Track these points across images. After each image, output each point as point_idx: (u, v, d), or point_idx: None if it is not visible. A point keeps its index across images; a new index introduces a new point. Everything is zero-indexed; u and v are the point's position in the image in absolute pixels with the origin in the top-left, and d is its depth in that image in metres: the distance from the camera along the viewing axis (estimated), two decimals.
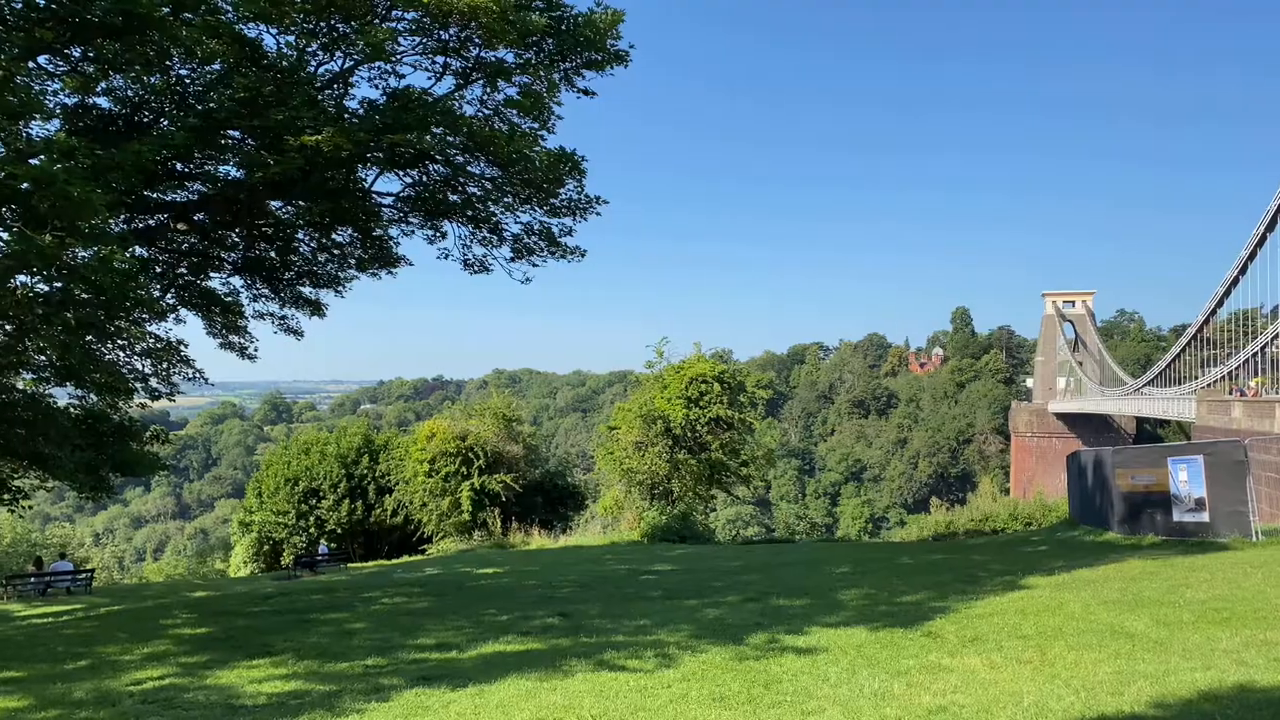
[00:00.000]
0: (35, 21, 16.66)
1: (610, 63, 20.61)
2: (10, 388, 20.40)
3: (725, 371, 45.47)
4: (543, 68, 20.15)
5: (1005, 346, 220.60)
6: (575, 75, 20.86)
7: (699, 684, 11.27)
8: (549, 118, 21.01)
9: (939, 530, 39.20)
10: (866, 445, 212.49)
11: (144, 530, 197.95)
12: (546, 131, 21.20)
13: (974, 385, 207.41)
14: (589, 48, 20.14)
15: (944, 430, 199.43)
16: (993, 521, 38.01)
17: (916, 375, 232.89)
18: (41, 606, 25.68)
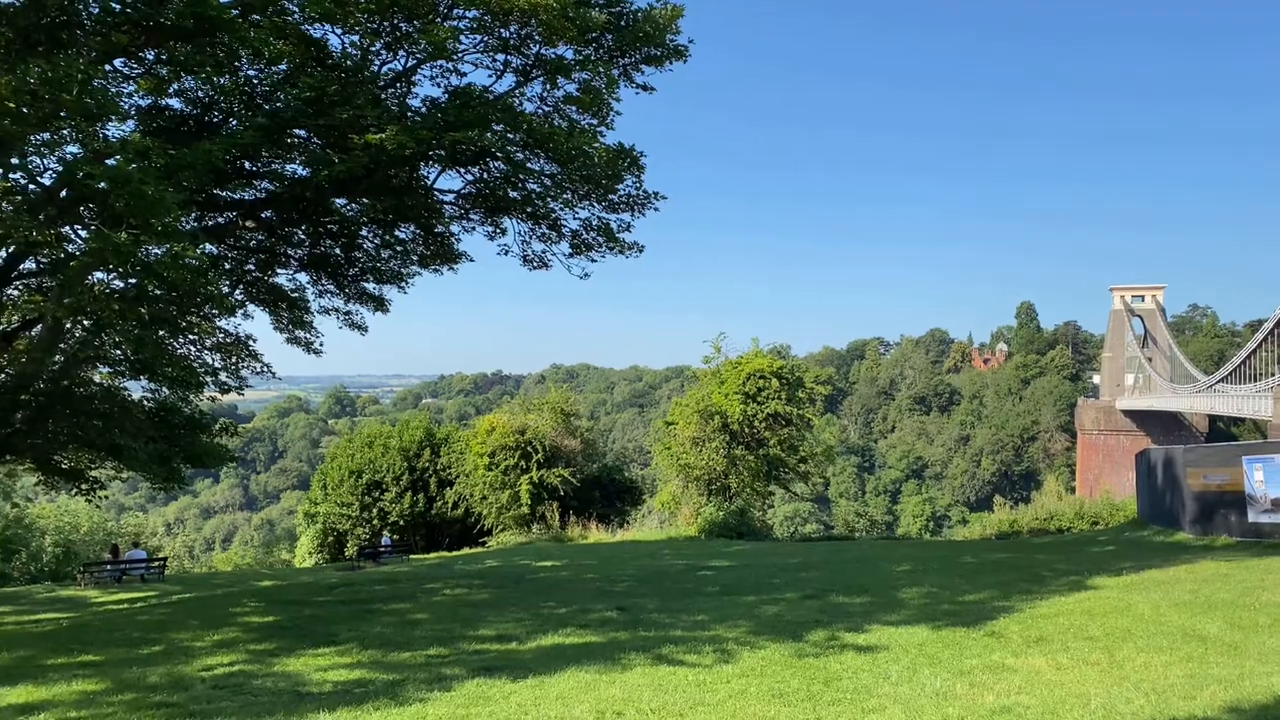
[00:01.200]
0: (112, 26, 17.16)
1: (669, 58, 20.59)
2: (88, 381, 21.09)
3: (783, 367, 45.18)
4: (602, 64, 20.19)
5: (1071, 342, 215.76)
6: (634, 71, 20.89)
7: (758, 680, 11.25)
8: (608, 114, 21.05)
9: (1002, 529, 38.53)
10: (928, 442, 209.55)
11: (213, 520, 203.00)
12: (605, 128, 21.26)
13: (1039, 381, 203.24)
14: (648, 43, 20.13)
15: (1008, 427, 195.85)
16: (1058, 520, 37.25)
17: (980, 371, 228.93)
18: (117, 593, 26.52)
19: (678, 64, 20.76)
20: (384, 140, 17.77)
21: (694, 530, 40.20)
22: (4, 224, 16.66)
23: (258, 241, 24.43)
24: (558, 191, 21.93)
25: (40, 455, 20.48)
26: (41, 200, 17.90)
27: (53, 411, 19.12)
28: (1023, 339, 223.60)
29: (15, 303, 22.40)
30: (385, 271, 25.65)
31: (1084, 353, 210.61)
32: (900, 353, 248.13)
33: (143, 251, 16.70)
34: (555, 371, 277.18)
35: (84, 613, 21.65)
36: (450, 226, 24.56)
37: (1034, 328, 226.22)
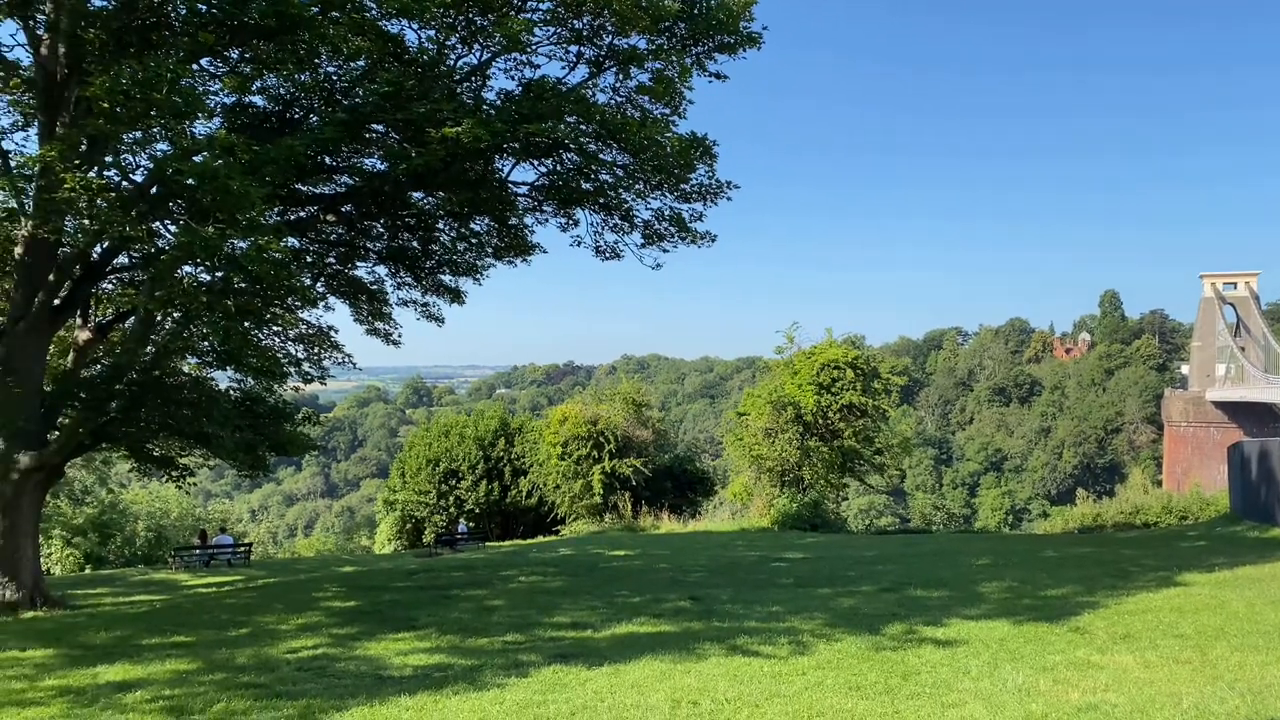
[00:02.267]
0: (198, 26, 17.68)
1: (743, 45, 20.43)
2: (178, 371, 21.82)
3: (858, 357, 44.64)
4: (674, 53, 20.13)
5: (1158, 331, 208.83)
6: (707, 59, 20.77)
7: (834, 672, 11.15)
8: (680, 103, 20.99)
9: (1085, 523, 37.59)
10: (1007, 434, 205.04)
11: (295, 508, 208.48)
12: (678, 117, 21.20)
13: (1124, 372, 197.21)
14: (721, 31, 20.00)
15: (1091, 419, 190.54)
16: (1144, 515, 36.20)
17: (1062, 362, 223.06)
18: (206, 577, 27.44)
19: (751, 51, 20.60)
20: (460, 134, 17.97)
21: (767, 522, 40.02)
22: (100, 220, 17.31)
23: (338, 235, 24.96)
24: (630, 182, 21.95)
25: (133, 443, 21.22)
26: (134, 197, 18.54)
27: (145, 401, 19.79)
28: (1107, 328, 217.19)
29: (110, 296, 23.30)
30: (461, 264, 25.99)
31: (1171, 342, 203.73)
32: (979, 342, 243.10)
33: (229, 245, 17.18)
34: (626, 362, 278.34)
35: (175, 595, 22.43)
36: (524, 218, 24.78)
37: (1118, 317, 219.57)
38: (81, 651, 13.75)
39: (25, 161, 18.51)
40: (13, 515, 19.17)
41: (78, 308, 21.17)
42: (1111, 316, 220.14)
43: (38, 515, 20.57)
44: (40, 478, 19.67)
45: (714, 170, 21.70)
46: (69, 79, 18.35)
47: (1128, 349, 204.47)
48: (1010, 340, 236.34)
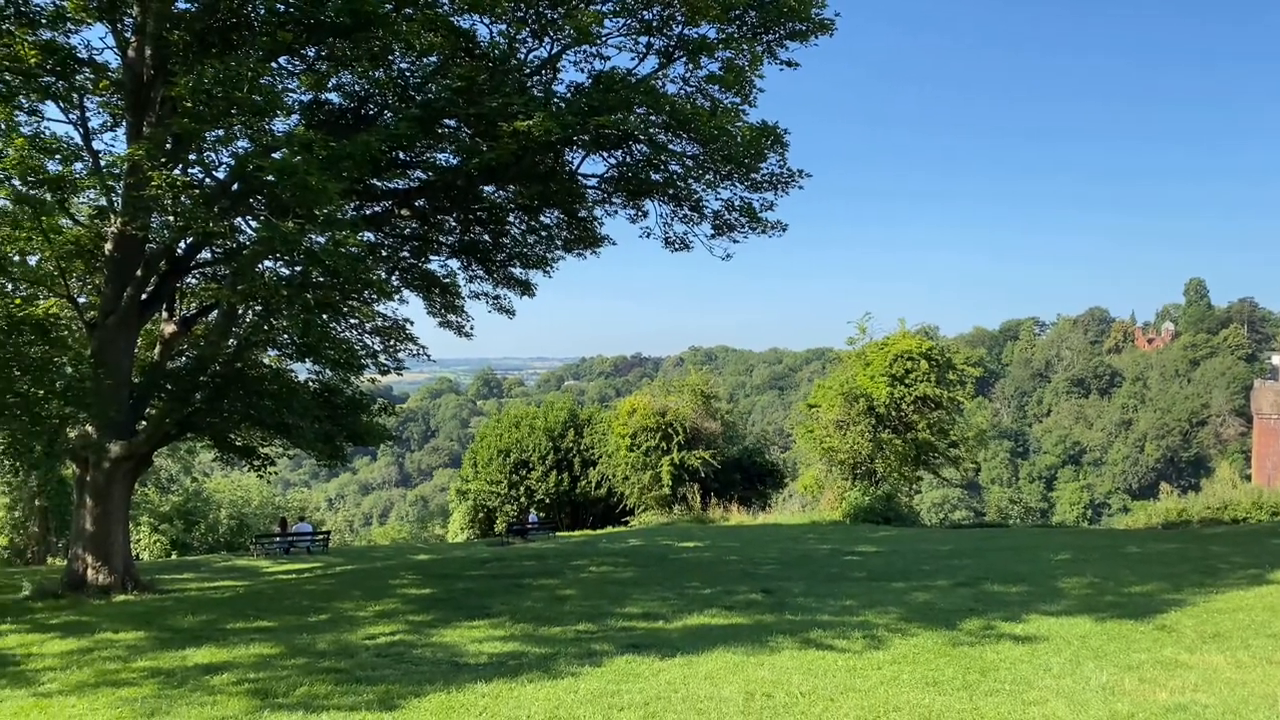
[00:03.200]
0: (277, 25, 18.09)
1: (814, 32, 20.19)
2: (259, 363, 22.39)
3: (932, 348, 43.83)
4: (745, 41, 19.98)
5: (1247, 320, 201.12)
6: (778, 47, 20.59)
7: (910, 667, 11.00)
8: (750, 92, 20.82)
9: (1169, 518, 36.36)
10: (1086, 426, 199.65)
11: (371, 496, 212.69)
12: (748, 106, 21.03)
13: (1210, 362, 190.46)
14: (792, 18, 19.80)
15: (1174, 411, 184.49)
16: (1233, 510, 34.87)
17: (1144, 352, 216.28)
18: (285, 563, 28.17)
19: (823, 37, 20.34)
20: (531, 127, 18.09)
21: (838, 515, 39.61)
22: (184, 216, 17.83)
23: (411, 229, 25.36)
24: (700, 172, 21.87)
25: (217, 433, 21.85)
26: (216, 193, 19.08)
27: (228, 392, 20.36)
28: (1192, 317, 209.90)
29: (194, 290, 24.01)
30: (531, 256, 26.21)
31: (1261, 331, 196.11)
32: (1056, 333, 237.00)
33: (307, 240, 17.57)
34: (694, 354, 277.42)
35: (257, 581, 23.05)
36: (593, 211, 24.88)
37: (1204, 305, 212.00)
38: (170, 634, 14.23)
39: (114, 161, 19.18)
40: (104, 503, 19.90)
41: (164, 302, 21.85)
42: (1197, 305, 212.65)
43: (128, 503, 21.31)
44: (129, 466, 20.38)
45: (785, 159, 21.51)
46: (155, 80, 18.92)
47: (1214, 338, 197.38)
48: (1089, 330, 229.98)
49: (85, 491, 20.04)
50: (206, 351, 20.81)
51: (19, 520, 43.04)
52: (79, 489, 20.50)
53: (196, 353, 21.97)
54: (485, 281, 26.70)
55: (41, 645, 13.61)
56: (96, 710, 9.59)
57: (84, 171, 19.51)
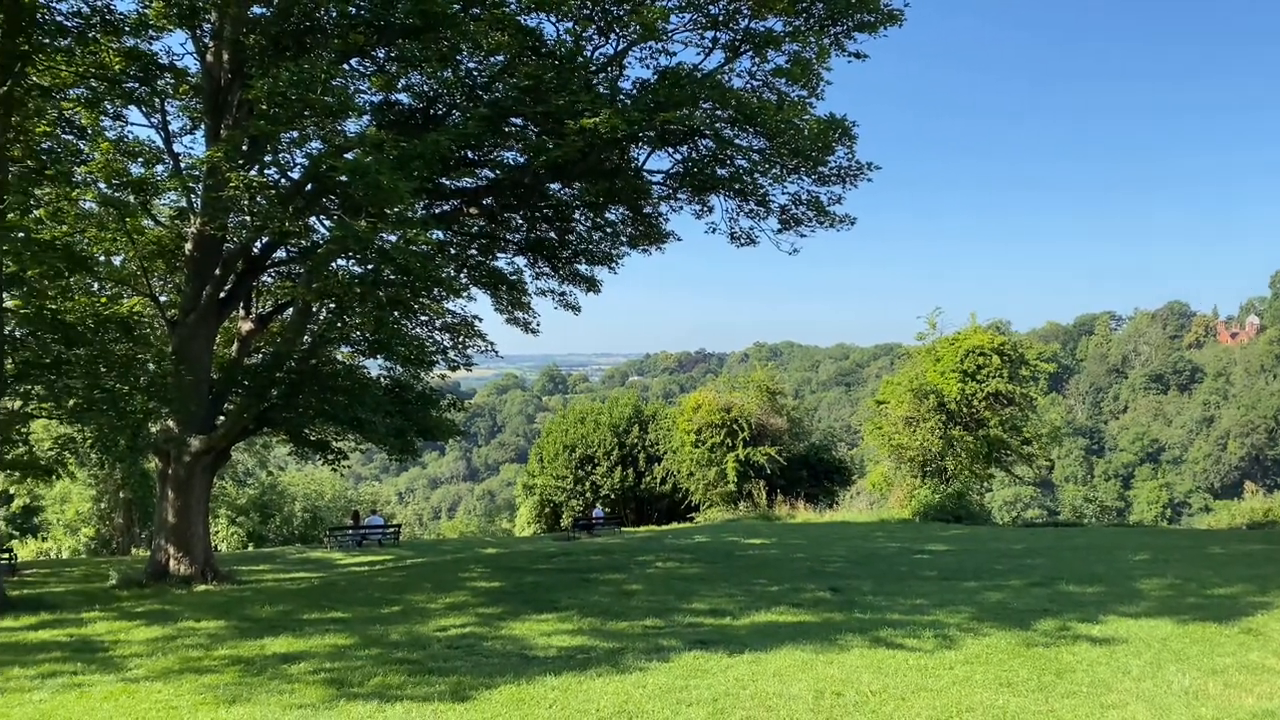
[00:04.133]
0: (348, 27, 18.45)
1: (883, 23, 19.93)
2: (333, 360, 22.87)
3: (1004, 343, 42.99)
4: (812, 34, 19.81)
5: None
6: (846, 39, 20.37)
7: (983, 667, 10.80)
8: (818, 84, 20.67)
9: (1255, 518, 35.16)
10: (1165, 423, 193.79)
11: (439, 491, 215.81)
12: (815, 99, 20.87)
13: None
14: (861, 9, 19.57)
15: (1260, 407, 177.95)
16: None
17: (1226, 346, 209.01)
18: (358, 556, 28.74)
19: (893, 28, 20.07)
20: (597, 124, 18.17)
21: (907, 513, 39.07)
22: (261, 216, 18.30)
23: (479, 227, 25.65)
24: (766, 166, 21.74)
25: (292, 428, 22.36)
26: (291, 193, 19.53)
27: (303, 387, 20.84)
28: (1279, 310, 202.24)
29: (270, 289, 24.63)
30: (596, 253, 26.34)
31: None
32: (1134, 327, 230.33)
33: (379, 238, 17.90)
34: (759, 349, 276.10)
35: (330, 573, 23.55)
36: (658, 207, 24.91)
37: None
38: (249, 624, 14.62)
39: (194, 163, 19.75)
40: (185, 495, 20.53)
41: (241, 300, 22.44)
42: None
43: (207, 495, 21.94)
44: (209, 460, 20.98)
45: (853, 151, 21.29)
46: (232, 83, 19.44)
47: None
48: (1169, 324, 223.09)
49: (167, 484, 20.69)
50: (282, 348, 21.32)
51: (105, 512, 44.64)
52: (161, 482, 21.17)
53: (273, 349, 22.52)
54: (551, 278, 26.92)
55: (128, 632, 14.10)
56: (181, 696, 9.89)
57: (165, 174, 20.14)
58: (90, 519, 44.49)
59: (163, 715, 9.11)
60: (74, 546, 43.99)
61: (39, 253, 16.67)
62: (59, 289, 18.65)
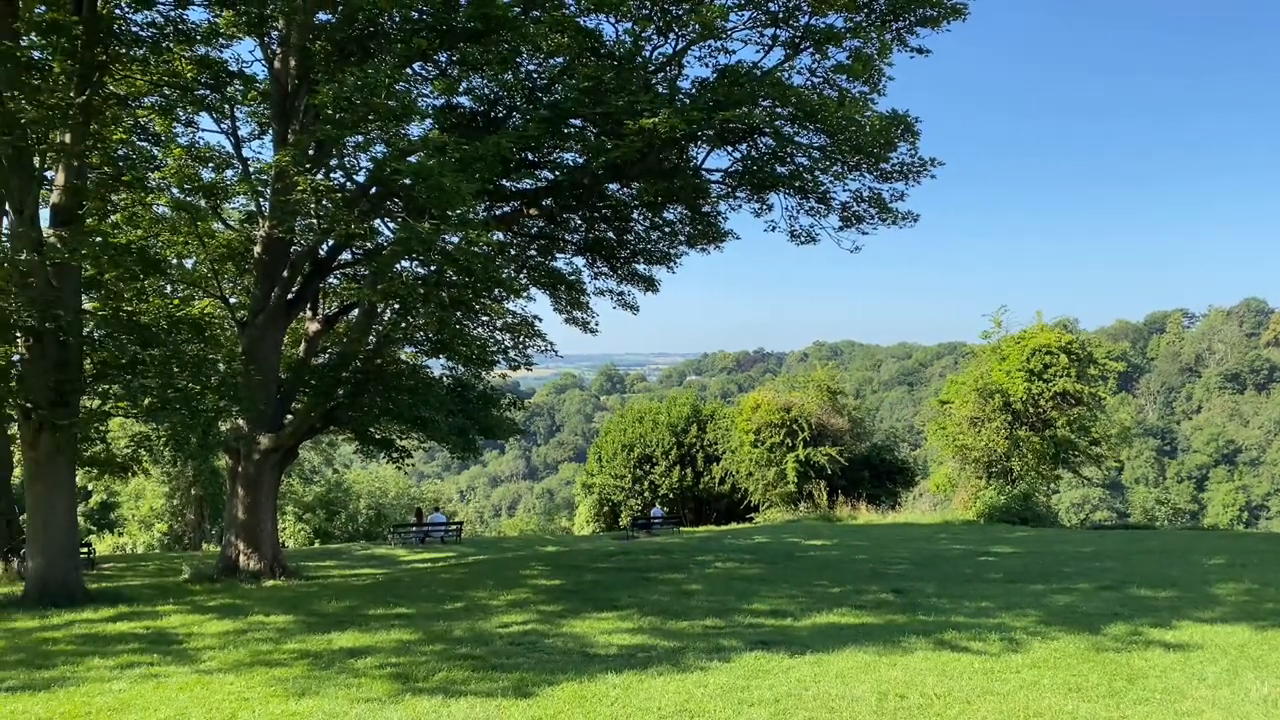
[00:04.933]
0: (411, 32, 18.72)
1: (946, 18, 19.67)
2: (397, 359, 23.23)
3: (1072, 341, 42.10)
4: (874, 29, 19.61)
5: None
6: (908, 34, 20.13)
7: (1051, 672, 10.59)
8: (879, 80, 20.45)
9: None
10: (1242, 424, 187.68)
11: (499, 489, 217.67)
12: (877, 94, 20.66)
13: None
14: (923, 3, 19.33)
15: None
16: None
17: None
18: (421, 552, 29.16)
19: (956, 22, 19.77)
20: (656, 124, 18.20)
21: (971, 514, 38.48)
22: (327, 219, 18.66)
23: (539, 228, 25.87)
24: (827, 164, 21.59)
25: (357, 426, 22.77)
26: (356, 196, 19.89)
27: (368, 387, 21.21)
28: None
29: (336, 290, 25.10)
30: (655, 252, 26.40)
31: None
32: (1208, 325, 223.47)
33: (441, 240, 18.13)
34: (818, 349, 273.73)
35: (394, 569, 23.93)
36: (717, 205, 24.86)
37: None
38: (316, 619, 14.92)
39: (263, 168, 20.21)
40: (254, 492, 21.02)
41: (308, 301, 22.91)
42: None
43: (275, 492, 22.45)
44: (277, 458, 21.46)
45: (916, 147, 21.04)
46: (298, 89, 19.85)
47: None
48: (1245, 322, 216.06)
49: (237, 481, 21.21)
50: (348, 348, 21.72)
51: (177, 508, 45.88)
52: (231, 479, 21.71)
53: (339, 350, 22.95)
54: (610, 278, 27.04)
55: (201, 625, 14.48)
56: (253, 688, 10.13)
57: (235, 178, 20.65)
58: (163, 515, 45.75)
59: (235, 707, 9.33)
60: (148, 541, 45.30)
61: (116, 256, 17.20)
62: (134, 291, 19.21)
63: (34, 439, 17.26)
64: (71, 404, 17.31)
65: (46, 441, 17.17)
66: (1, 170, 16.73)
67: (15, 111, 15.99)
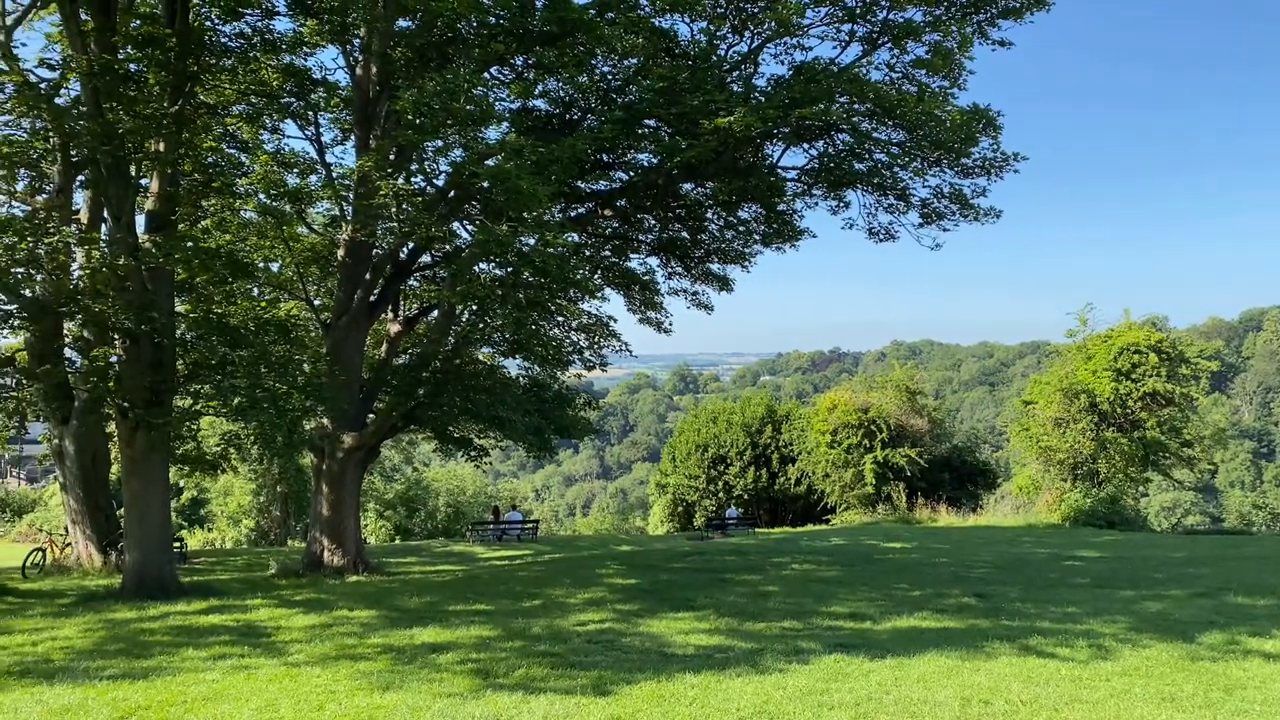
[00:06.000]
0: (489, 37, 18.96)
1: (1029, 8, 19.19)
2: (475, 360, 23.55)
3: (1162, 340, 40.71)
4: (954, 22, 19.24)
5: None
6: (989, 26, 19.70)
7: (1143, 680, 10.26)
8: (960, 74, 20.06)
9: None
10: None
11: (573, 488, 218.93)
12: (957, 89, 20.27)
13: None
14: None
15: None
16: None
17: None
18: (498, 550, 29.48)
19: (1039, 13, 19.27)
20: (732, 123, 18.13)
21: (1056, 518, 37.48)
22: (408, 222, 19.00)
23: (613, 229, 25.98)
24: (906, 160, 21.25)
25: (437, 425, 23.11)
26: (435, 200, 20.21)
27: (447, 386, 21.52)
28: None
29: (415, 292, 25.55)
30: (729, 252, 26.30)
31: None
32: None
33: (518, 242, 18.33)
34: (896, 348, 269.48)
35: (473, 566, 24.24)
36: (792, 204, 24.65)
37: None
38: (398, 614, 15.21)
39: (346, 173, 20.69)
40: (338, 490, 21.51)
41: (389, 303, 23.36)
42: None
43: (359, 490, 22.94)
44: (360, 456, 21.92)
45: (998, 142, 20.59)
46: (379, 95, 20.27)
47: None
48: None
49: (322, 479, 21.73)
50: (428, 349, 22.10)
51: (263, 505, 47.20)
52: (316, 477, 22.24)
53: (419, 350, 23.36)
54: (684, 278, 27.02)
55: (288, 619, 14.88)
56: (339, 681, 10.37)
57: (318, 183, 21.18)
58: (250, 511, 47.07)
59: (323, 699, 9.56)
60: (236, 537, 46.66)
61: (206, 260, 17.75)
62: (224, 294, 19.82)
63: (130, 437, 17.89)
64: (165, 403, 17.89)
65: (142, 440, 17.78)
66: (102, 179, 17.41)
67: (114, 122, 16.62)
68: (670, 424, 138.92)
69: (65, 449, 22.95)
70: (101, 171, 17.14)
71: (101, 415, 20.65)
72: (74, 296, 17.15)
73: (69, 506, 24.01)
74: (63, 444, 23.01)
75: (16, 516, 51.41)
